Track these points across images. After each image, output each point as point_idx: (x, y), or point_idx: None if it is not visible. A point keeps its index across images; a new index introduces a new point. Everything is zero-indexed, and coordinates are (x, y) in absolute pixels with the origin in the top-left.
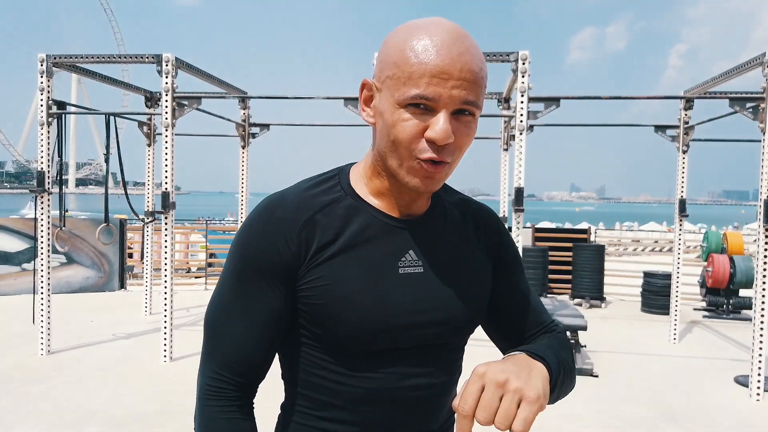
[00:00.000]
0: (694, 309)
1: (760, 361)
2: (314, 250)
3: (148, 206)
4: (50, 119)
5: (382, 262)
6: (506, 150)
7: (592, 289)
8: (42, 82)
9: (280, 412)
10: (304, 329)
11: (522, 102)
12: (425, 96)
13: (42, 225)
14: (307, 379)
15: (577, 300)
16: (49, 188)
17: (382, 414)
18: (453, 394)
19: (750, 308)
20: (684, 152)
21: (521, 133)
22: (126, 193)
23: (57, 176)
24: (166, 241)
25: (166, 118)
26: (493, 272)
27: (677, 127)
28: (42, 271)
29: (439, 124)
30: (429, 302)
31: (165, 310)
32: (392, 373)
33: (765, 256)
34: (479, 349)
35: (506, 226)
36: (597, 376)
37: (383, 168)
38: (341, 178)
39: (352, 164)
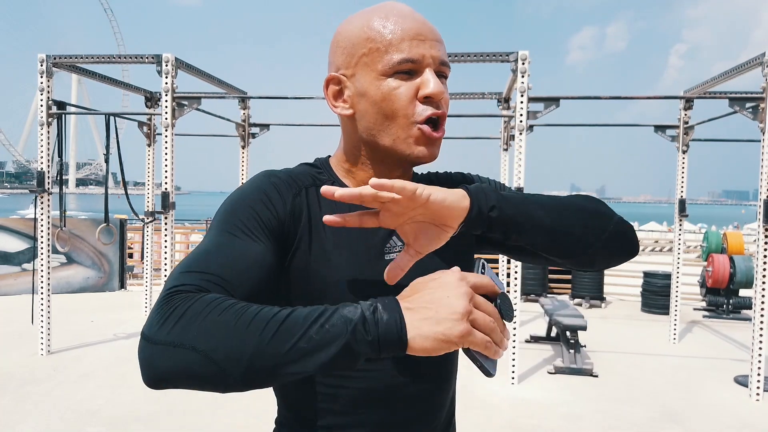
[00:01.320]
0: (694, 309)
1: (759, 361)
2: (305, 221)
3: (148, 206)
4: (50, 119)
5: (368, 248)
6: (506, 150)
7: (592, 289)
8: (42, 82)
9: (274, 427)
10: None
11: (522, 102)
12: (411, 58)
13: (42, 225)
14: (299, 389)
15: (577, 300)
16: (49, 188)
17: (382, 413)
18: (452, 386)
19: (750, 308)
20: (684, 152)
21: (521, 133)
22: (126, 193)
23: (57, 176)
24: (166, 241)
25: (166, 119)
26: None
27: (677, 127)
28: (42, 271)
29: (432, 80)
30: None
31: None
32: (387, 367)
33: (765, 256)
34: None
35: None
36: (597, 376)
37: (369, 155)
38: (324, 167)
39: (329, 156)
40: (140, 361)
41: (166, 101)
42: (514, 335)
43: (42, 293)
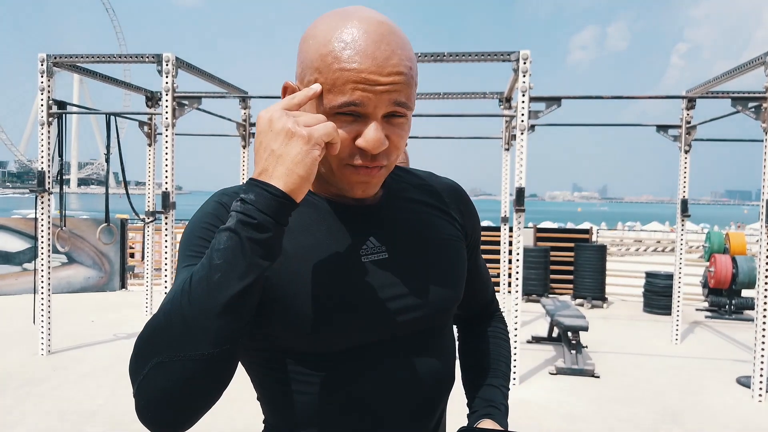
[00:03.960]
0: (697, 309)
1: (762, 362)
2: None
3: (149, 206)
4: (51, 119)
5: (341, 252)
6: (507, 150)
7: (593, 290)
8: (42, 82)
9: (263, 426)
10: (266, 341)
11: (523, 102)
12: (353, 102)
13: (42, 225)
14: (284, 398)
15: (578, 300)
16: (49, 188)
17: (371, 418)
18: (447, 381)
19: (752, 309)
20: (686, 152)
21: (522, 133)
22: (127, 193)
23: (58, 176)
24: (166, 240)
25: (167, 118)
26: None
27: (679, 126)
28: (42, 270)
29: (371, 133)
30: (398, 287)
31: None
32: (375, 370)
33: (767, 257)
34: None
35: (507, 226)
36: (598, 377)
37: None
38: None
39: None
40: (139, 419)
41: (167, 101)
42: (515, 336)
43: (42, 293)
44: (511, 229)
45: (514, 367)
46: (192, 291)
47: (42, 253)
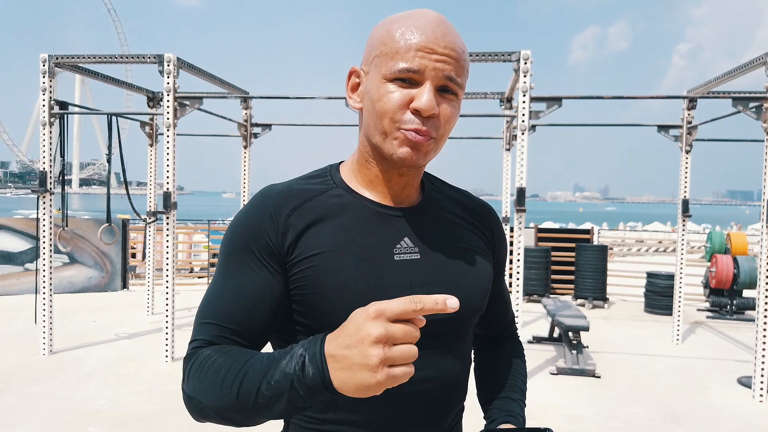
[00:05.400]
0: (698, 310)
1: (763, 362)
2: (303, 236)
3: (150, 206)
4: (52, 119)
5: (376, 249)
6: (508, 150)
7: (594, 290)
8: (44, 82)
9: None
10: (299, 325)
11: (524, 102)
12: (411, 68)
13: (44, 225)
14: None
15: (579, 300)
16: (51, 188)
17: (387, 412)
18: (462, 388)
19: (753, 309)
20: (687, 152)
21: (523, 133)
22: (128, 193)
23: (59, 176)
24: (167, 241)
25: (168, 118)
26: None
27: (680, 126)
28: (44, 271)
29: (425, 95)
30: (426, 288)
31: (167, 310)
32: None
33: None
34: None
35: (509, 226)
36: (599, 377)
37: (372, 153)
38: (332, 173)
39: (342, 161)
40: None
41: (168, 101)
42: None
43: (44, 293)
44: (512, 230)
45: None
46: (231, 391)
47: (44, 254)
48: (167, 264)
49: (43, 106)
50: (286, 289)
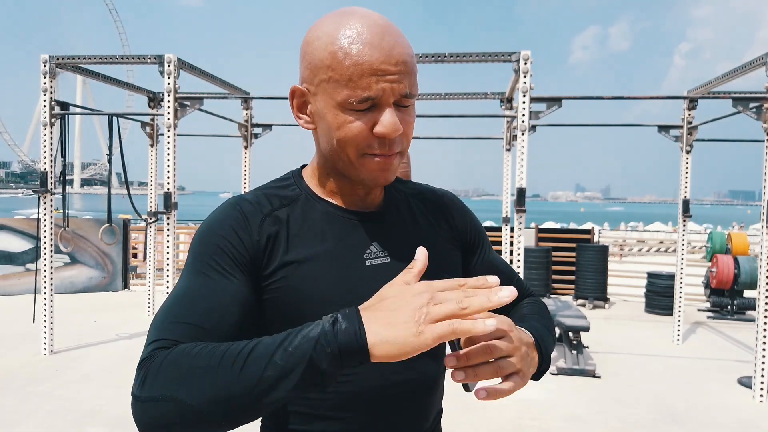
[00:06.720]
0: (698, 310)
1: (763, 363)
2: (276, 244)
3: (151, 206)
4: (53, 120)
5: (348, 256)
6: (509, 150)
7: (595, 290)
8: (45, 83)
9: (260, 424)
10: (269, 335)
11: (524, 102)
12: (369, 97)
13: (45, 225)
14: None
15: (580, 300)
16: (52, 188)
17: (368, 419)
18: (439, 388)
19: (754, 309)
20: (687, 152)
21: (523, 134)
22: (129, 193)
23: (60, 176)
24: (168, 241)
25: (168, 119)
26: (468, 253)
27: (680, 127)
28: (44, 271)
29: (387, 118)
30: None
31: None
32: (373, 371)
33: None
34: None
35: (509, 226)
36: (599, 377)
37: (332, 170)
38: (296, 179)
39: (303, 166)
40: (134, 419)
41: (169, 102)
42: None
43: (45, 293)
44: (512, 230)
45: None
46: (233, 368)
47: (45, 254)
48: (168, 264)
49: (44, 106)
50: (258, 297)
